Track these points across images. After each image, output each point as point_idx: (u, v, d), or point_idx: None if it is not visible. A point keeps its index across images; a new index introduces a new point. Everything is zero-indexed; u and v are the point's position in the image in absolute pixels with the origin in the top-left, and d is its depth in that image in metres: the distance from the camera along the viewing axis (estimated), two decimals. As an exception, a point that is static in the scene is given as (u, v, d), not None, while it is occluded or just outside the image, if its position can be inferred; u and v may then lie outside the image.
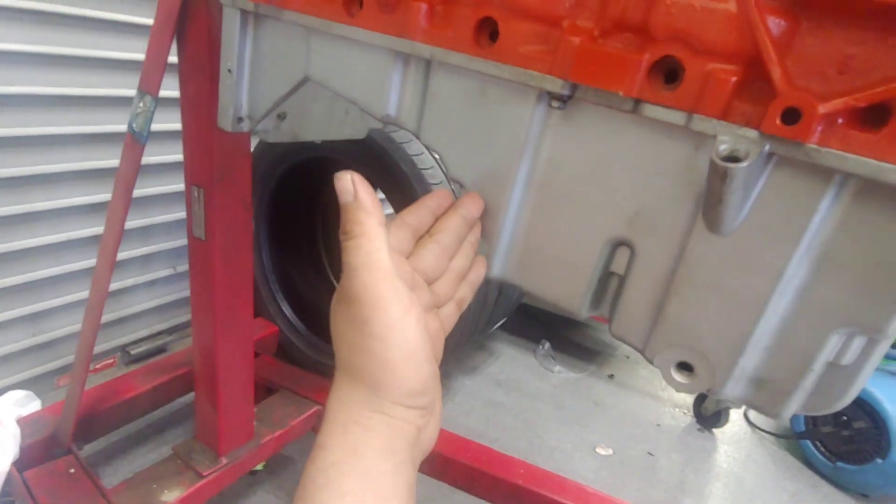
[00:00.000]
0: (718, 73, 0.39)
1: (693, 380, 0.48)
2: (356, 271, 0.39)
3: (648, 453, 1.80)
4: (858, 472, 1.74)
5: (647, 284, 0.48)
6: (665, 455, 1.81)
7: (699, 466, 1.79)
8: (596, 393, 2.07)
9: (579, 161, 0.49)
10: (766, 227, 0.41)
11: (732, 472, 1.79)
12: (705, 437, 1.95)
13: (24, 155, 1.30)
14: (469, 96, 0.52)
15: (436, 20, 0.51)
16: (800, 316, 0.42)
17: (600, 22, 0.44)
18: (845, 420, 1.78)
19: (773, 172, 0.40)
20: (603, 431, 1.85)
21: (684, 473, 1.74)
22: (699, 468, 1.78)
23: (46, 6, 1.24)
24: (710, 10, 0.39)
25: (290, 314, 1.77)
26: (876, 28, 0.36)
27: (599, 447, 1.77)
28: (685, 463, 1.79)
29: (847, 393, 0.45)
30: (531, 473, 1.23)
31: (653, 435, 1.90)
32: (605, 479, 1.64)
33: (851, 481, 1.78)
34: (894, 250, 0.38)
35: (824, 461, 1.83)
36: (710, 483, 1.73)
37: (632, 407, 2.03)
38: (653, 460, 1.77)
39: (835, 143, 0.37)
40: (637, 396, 2.10)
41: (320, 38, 0.61)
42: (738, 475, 1.78)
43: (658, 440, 1.87)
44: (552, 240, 0.52)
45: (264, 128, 0.76)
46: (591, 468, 1.68)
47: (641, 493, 1.62)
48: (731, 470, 1.81)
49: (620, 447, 1.79)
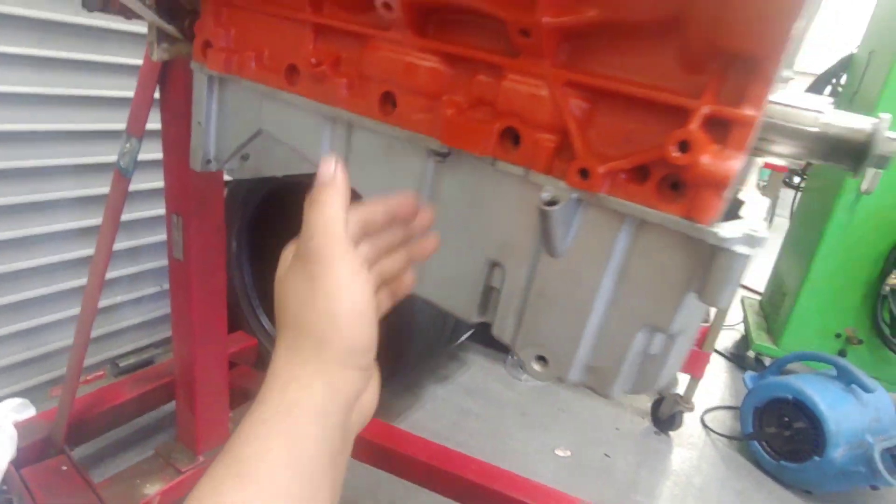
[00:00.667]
0: (543, 140, 0.54)
1: (546, 369, 0.61)
2: (314, 231, 0.41)
3: (605, 455, 1.93)
4: (799, 470, 1.87)
5: (514, 296, 0.62)
6: (621, 457, 1.93)
7: (653, 467, 1.92)
8: (561, 400, 2.20)
9: (461, 200, 0.63)
10: (584, 252, 0.55)
11: (683, 472, 1.92)
12: (661, 440, 2.08)
13: (23, 184, 1.43)
14: (380, 150, 0.67)
15: (353, 92, 0.66)
16: (613, 319, 0.56)
17: (468, 98, 0.59)
18: (787, 421, 1.91)
19: (584, 212, 0.54)
20: (564, 435, 1.98)
21: (638, 474, 1.87)
22: (653, 468, 1.91)
23: (44, 52, 1.39)
24: (534, 96, 0.54)
25: (269, 327, 1.90)
26: (643, 112, 0.50)
27: (559, 449, 1.90)
28: (639, 464, 1.92)
29: (660, 376, 0.59)
30: (483, 470, 1.36)
31: (611, 438, 2.03)
32: (562, 478, 1.77)
33: (794, 479, 1.91)
34: (667, 270, 0.52)
35: (769, 460, 1.96)
36: (661, 482, 1.85)
37: (594, 413, 2.16)
38: (609, 461, 1.90)
39: (618, 193, 0.51)
40: (600, 403, 2.23)
41: (269, 101, 0.75)
42: (688, 475, 1.91)
43: (616, 443, 2.00)
44: (445, 261, 0.66)
45: (230, 167, 0.90)
46: (549, 469, 1.80)
47: (596, 491, 1.74)
48: (683, 470, 1.93)
49: (579, 449, 1.92)
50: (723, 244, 0.47)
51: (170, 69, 0.95)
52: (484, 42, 0.57)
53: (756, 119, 0.45)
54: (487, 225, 0.62)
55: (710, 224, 0.47)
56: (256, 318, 1.89)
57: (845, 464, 1.77)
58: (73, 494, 1.09)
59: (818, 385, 1.90)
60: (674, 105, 0.47)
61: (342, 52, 0.67)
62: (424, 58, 0.60)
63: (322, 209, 0.42)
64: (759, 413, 2.01)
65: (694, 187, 0.47)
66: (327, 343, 0.41)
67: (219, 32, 0.76)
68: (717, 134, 0.47)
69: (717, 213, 0.47)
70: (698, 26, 0.44)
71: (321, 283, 0.41)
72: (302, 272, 0.42)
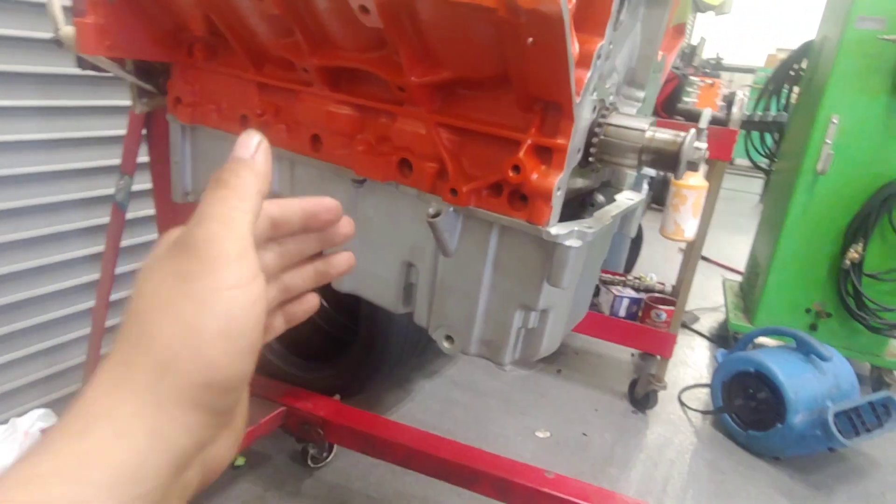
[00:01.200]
0: (427, 167, 0.70)
1: (453, 345, 0.77)
2: (207, 219, 0.32)
3: (583, 434, 2.07)
4: (765, 438, 2.00)
5: (425, 290, 0.78)
6: (598, 435, 2.08)
7: (628, 443, 2.06)
8: (543, 386, 2.35)
9: (378, 215, 0.79)
10: (469, 250, 0.71)
11: (657, 446, 2.06)
12: (638, 418, 2.22)
13: (38, 219, 1.62)
14: (315, 180, 0.83)
15: (291, 135, 0.83)
16: (495, 301, 0.72)
17: (374, 136, 0.75)
18: (751, 393, 2.05)
19: (464, 221, 0.70)
20: (544, 418, 2.13)
21: (613, 449, 2.01)
22: (627, 444, 2.05)
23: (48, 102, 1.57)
24: (418, 134, 0.70)
25: (266, 335, 2.07)
26: (495, 143, 0.66)
27: (539, 431, 2.05)
28: (615, 441, 2.06)
29: (541, 345, 0.75)
30: (456, 449, 1.51)
31: (589, 418, 2.17)
32: (540, 457, 1.92)
33: (762, 446, 2.04)
34: (527, 262, 0.68)
35: (739, 430, 2.09)
36: (635, 455, 2.00)
37: (574, 396, 2.31)
38: (586, 440, 2.04)
39: (483, 205, 0.67)
40: (580, 387, 2.38)
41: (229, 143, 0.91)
42: (661, 448, 2.05)
43: (594, 423, 2.15)
44: (371, 263, 0.82)
45: (207, 197, 1.07)
46: (529, 449, 1.96)
47: (572, 466, 1.89)
48: (657, 444, 2.07)
49: (557, 430, 2.07)
50: (555, 240, 0.63)
51: (153, 117, 1.12)
52: (382, 93, 0.74)
53: (566, 146, 0.61)
54: (400, 234, 0.78)
55: (545, 225, 0.63)
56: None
57: (804, 429, 1.90)
58: (95, 485, 1.26)
59: (778, 357, 2.03)
60: (510, 138, 0.63)
61: (280, 103, 0.83)
62: (339, 107, 0.76)
63: (227, 195, 0.33)
64: (726, 387, 2.14)
65: (531, 198, 0.63)
66: (175, 368, 0.29)
67: (186, 89, 0.93)
68: (543, 157, 0.63)
69: (549, 217, 0.63)
70: (518, 82, 0.60)
71: (196, 284, 0.30)
72: (174, 266, 0.31)
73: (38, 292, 1.66)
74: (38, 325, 1.68)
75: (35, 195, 1.60)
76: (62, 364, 1.78)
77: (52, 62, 1.54)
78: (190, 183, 1.02)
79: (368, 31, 0.65)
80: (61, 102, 1.60)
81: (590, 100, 0.63)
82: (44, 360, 1.73)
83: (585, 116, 0.63)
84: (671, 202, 1.93)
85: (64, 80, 1.59)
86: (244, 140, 0.36)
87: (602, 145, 0.69)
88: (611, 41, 0.66)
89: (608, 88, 0.73)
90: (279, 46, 0.76)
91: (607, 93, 0.73)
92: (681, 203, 1.90)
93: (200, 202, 0.33)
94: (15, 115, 1.51)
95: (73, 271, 1.73)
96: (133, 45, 0.89)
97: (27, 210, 1.59)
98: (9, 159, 1.52)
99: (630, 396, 2.30)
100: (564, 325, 0.79)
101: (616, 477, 1.88)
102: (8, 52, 1.46)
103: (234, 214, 0.32)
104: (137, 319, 0.31)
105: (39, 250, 1.64)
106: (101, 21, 0.84)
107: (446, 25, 0.58)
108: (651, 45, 0.81)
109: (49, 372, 1.75)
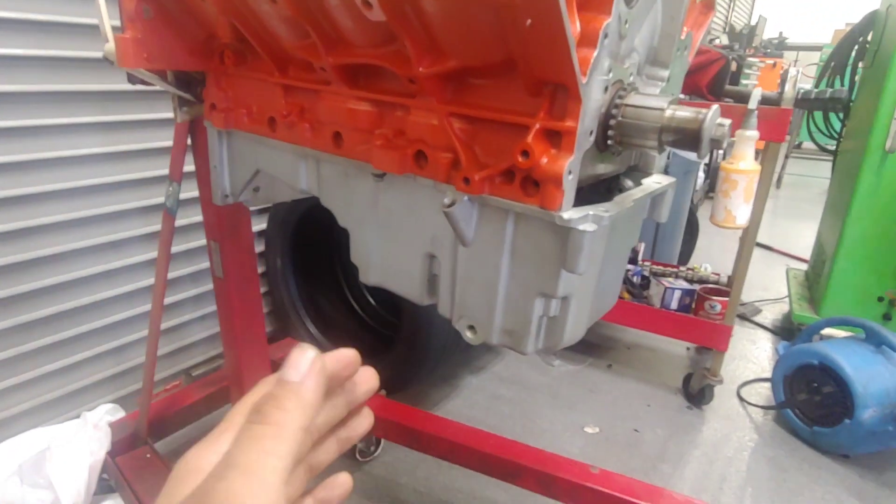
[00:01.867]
0: (441, 158, 0.70)
1: (475, 336, 0.77)
2: (232, 470, 0.28)
3: (634, 430, 2.02)
4: (832, 434, 1.89)
5: (447, 280, 0.79)
6: (650, 431, 2.02)
7: (682, 439, 1.99)
8: (592, 381, 2.30)
9: (399, 208, 0.80)
10: (486, 240, 0.71)
11: (713, 442, 1.98)
12: (694, 414, 2.14)
13: (102, 227, 1.74)
14: (340, 176, 0.85)
15: (315, 133, 0.85)
16: (514, 290, 0.72)
17: (391, 130, 0.76)
18: (815, 386, 1.93)
19: (480, 210, 0.70)
20: (593, 414, 2.09)
21: (666, 446, 1.95)
22: (681, 441, 1.98)
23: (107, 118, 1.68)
24: (431, 125, 0.71)
25: (315, 333, 2.14)
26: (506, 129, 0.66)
27: (588, 427, 2.01)
28: (668, 437, 2.00)
29: (564, 333, 0.74)
30: (499, 443, 1.51)
31: (641, 414, 2.11)
32: (589, 453, 1.88)
33: (829, 443, 1.92)
34: (544, 249, 0.67)
35: (804, 427, 1.98)
36: (689, 452, 1.92)
37: (625, 391, 2.25)
38: (637, 436, 1.99)
39: (496, 192, 0.67)
40: (632, 382, 2.32)
41: (260, 145, 0.96)
42: (718, 444, 1.97)
43: (646, 419, 2.09)
44: (395, 256, 0.83)
45: (245, 198, 1.12)
46: (577, 445, 1.92)
47: (622, 463, 1.85)
48: (713, 440, 1.99)
49: (607, 426, 2.02)
50: (568, 224, 0.62)
51: (195, 125, 1.18)
52: (396, 87, 0.74)
53: (575, 129, 0.60)
54: (421, 226, 0.79)
55: (557, 210, 0.62)
56: (303, 325, 2.14)
57: (875, 424, 1.78)
58: (155, 475, 1.34)
59: (844, 349, 1.91)
60: (519, 123, 0.63)
61: (304, 104, 0.86)
62: (358, 104, 0.78)
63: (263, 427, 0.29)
64: (788, 381, 2.03)
65: (542, 183, 0.63)
66: None
67: (220, 96, 0.97)
68: (553, 141, 0.62)
69: (561, 201, 0.62)
70: (524, 66, 0.60)
71: None
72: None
73: (102, 296, 1.77)
74: (103, 326, 1.80)
75: (98, 205, 1.71)
76: (127, 363, 1.89)
77: (109, 80, 1.65)
78: (228, 186, 1.07)
79: (377, 27, 0.66)
80: (119, 117, 1.71)
81: (600, 80, 0.62)
82: (110, 359, 1.85)
83: (595, 97, 0.62)
84: (720, 188, 1.84)
85: (119, 97, 1.70)
86: (295, 359, 0.32)
87: (620, 127, 0.67)
88: (625, 20, 0.64)
89: (627, 69, 0.71)
90: (298, 48, 0.79)
91: (626, 73, 0.71)
92: (731, 188, 1.82)
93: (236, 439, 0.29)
94: (77, 132, 1.63)
95: (133, 276, 1.84)
96: (169, 56, 0.94)
97: (91, 219, 1.71)
98: (74, 172, 1.64)
99: (684, 391, 2.22)
100: (589, 313, 0.78)
101: (669, 474, 1.82)
102: (69, 73, 1.58)
103: (266, 462, 0.28)
104: None
105: (103, 257, 1.76)
106: (138, 35, 0.89)
107: (447, 13, 0.58)
108: (674, 21, 0.78)
109: (116, 370, 1.87)
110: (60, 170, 1.61)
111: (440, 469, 1.75)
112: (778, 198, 5.75)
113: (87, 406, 1.74)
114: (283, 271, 2.12)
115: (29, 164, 1.54)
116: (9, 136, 1.49)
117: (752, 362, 2.54)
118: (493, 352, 2.48)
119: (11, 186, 1.51)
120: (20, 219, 1.55)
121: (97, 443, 1.42)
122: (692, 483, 1.79)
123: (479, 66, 0.64)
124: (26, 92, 1.50)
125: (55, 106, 1.57)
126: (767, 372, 2.43)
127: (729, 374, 2.37)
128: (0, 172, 1.49)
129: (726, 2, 7.75)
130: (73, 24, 1.55)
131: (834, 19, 7.57)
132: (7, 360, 1.59)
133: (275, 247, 2.11)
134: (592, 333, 2.67)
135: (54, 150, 1.58)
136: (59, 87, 1.56)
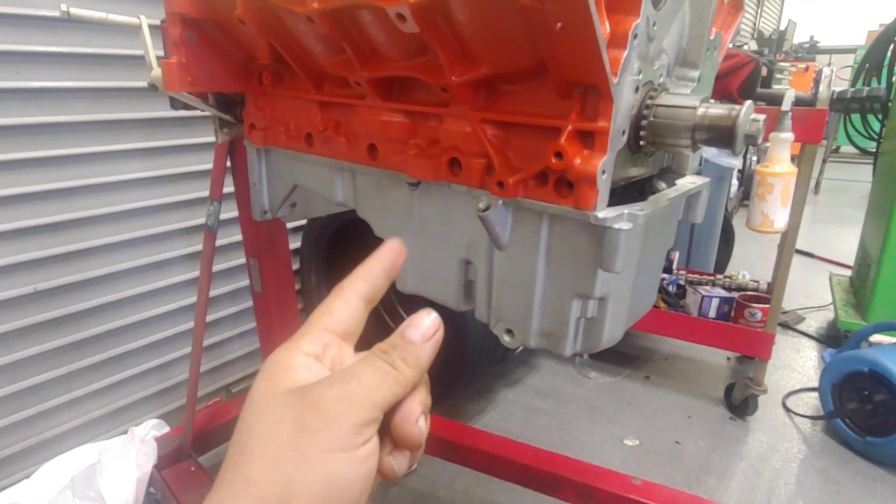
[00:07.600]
0: (475, 164, 0.72)
1: (514, 339, 0.78)
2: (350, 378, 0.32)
3: (676, 442, 1.97)
4: (886, 445, 1.81)
5: (483, 285, 0.80)
6: (693, 443, 1.97)
7: (726, 451, 1.93)
8: (630, 393, 2.26)
9: (434, 215, 0.82)
10: (521, 243, 0.72)
11: (759, 454, 1.92)
12: (737, 425, 2.08)
13: (146, 248, 1.80)
14: (375, 187, 0.87)
15: (350, 146, 0.88)
16: (550, 292, 0.72)
17: (425, 140, 0.78)
18: (866, 395, 1.86)
19: (515, 213, 0.71)
20: (632, 426, 2.05)
21: (710, 458, 1.89)
22: (725, 452, 1.92)
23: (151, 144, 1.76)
24: (464, 132, 0.73)
25: (350, 348, 2.16)
26: (538, 133, 0.67)
27: (627, 439, 1.97)
28: (712, 449, 1.94)
29: (602, 335, 0.74)
30: (538, 455, 1.49)
31: (682, 426, 2.06)
32: (630, 465, 1.84)
33: (883, 454, 1.84)
34: (579, 249, 0.67)
35: (855, 437, 1.90)
36: (734, 464, 1.86)
37: (664, 403, 2.20)
38: (679, 448, 1.94)
39: (530, 195, 0.68)
40: (671, 393, 2.26)
41: (298, 161, 0.99)
42: (764, 456, 1.90)
43: (687, 430, 2.03)
44: (431, 263, 0.84)
45: (283, 214, 1.15)
46: (617, 457, 1.89)
47: (664, 475, 1.80)
48: (759, 452, 1.93)
49: (648, 438, 1.98)
50: (604, 223, 0.63)
51: (234, 145, 1.23)
52: (429, 97, 0.77)
53: (607, 128, 0.61)
54: (456, 232, 0.80)
55: (592, 210, 0.63)
56: (339, 340, 2.17)
57: (933, 433, 1.69)
58: (199, 487, 1.37)
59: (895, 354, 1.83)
60: (551, 126, 0.64)
61: (340, 119, 0.89)
62: (392, 115, 0.80)
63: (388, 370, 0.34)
64: (837, 389, 1.96)
65: (576, 183, 0.63)
66: None
67: (258, 115, 1.01)
68: (586, 142, 0.63)
69: (596, 201, 0.63)
70: (554, 69, 0.61)
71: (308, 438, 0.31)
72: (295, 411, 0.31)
73: (147, 315, 1.83)
74: (148, 344, 1.86)
75: (142, 227, 1.78)
76: (171, 380, 1.95)
77: (151, 108, 1.73)
78: (267, 202, 1.11)
79: (410, 39, 0.68)
80: (160, 143, 1.78)
81: (631, 80, 0.62)
82: (155, 376, 1.91)
83: (627, 97, 0.63)
84: (756, 192, 1.81)
85: (162, 123, 1.78)
86: (420, 320, 0.37)
87: (652, 127, 0.67)
88: (653, 21, 0.65)
89: (656, 70, 0.72)
90: (333, 64, 0.82)
91: (656, 75, 0.71)
92: (767, 192, 1.78)
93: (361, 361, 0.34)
94: (122, 158, 1.71)
95: (176, 294, 1.90)
96: (211, 79, 0.98)
97: (136, 241, 1.78)
98: (120, 196, 1.71)
99: (727, 402, 2.16)
100: (627, 315, 0.77)
101: (714, 486, 1.76)
102: (114, 102, 1.66)
103: (381, 386, 0.33)
104: (241, 459, 0.31)
105: (147, 277, 1.83)
106: (182, 60, 0.94)
107: (478, 21, 0.60)
108: (702, 22, 0.78)
109: (161, 387, 1.92)
110: (107, 194, 1.69)
111: (478, 482, 1.73)
112: (817, 203, 5.59)
113: (133, 422, 1.80)
114: (318, 287, 2.16)
115: (78, 189, 1.62)
116: (61, 164, 1.57)
117: (796, 371, 2.46)
118: (528, 364, 2.46)
119: (62, 211, 1.59)
120: (70, 242, 1.62)
121: (144, 457, 1.46)
122: (739, 496, 1.73)
123: (510, 71, 0.66)
124: (75, 122, 1.59)
125: (102, 134, 1.65)
126: (813, 381, 2.35)
127: (773, 384, 2.30)
128: (52, 198, 1.57)
129: (754, 7, 7.66)
130: (117, 56, 1.64)
131: (866, 21, 7.40)
132: (60, 377, 1.66)
133: (309, 264, 2.16)
134: (628, 344, 2.63)
135: (101, 176, 1.66)
136: (105, 116, 1.64)
